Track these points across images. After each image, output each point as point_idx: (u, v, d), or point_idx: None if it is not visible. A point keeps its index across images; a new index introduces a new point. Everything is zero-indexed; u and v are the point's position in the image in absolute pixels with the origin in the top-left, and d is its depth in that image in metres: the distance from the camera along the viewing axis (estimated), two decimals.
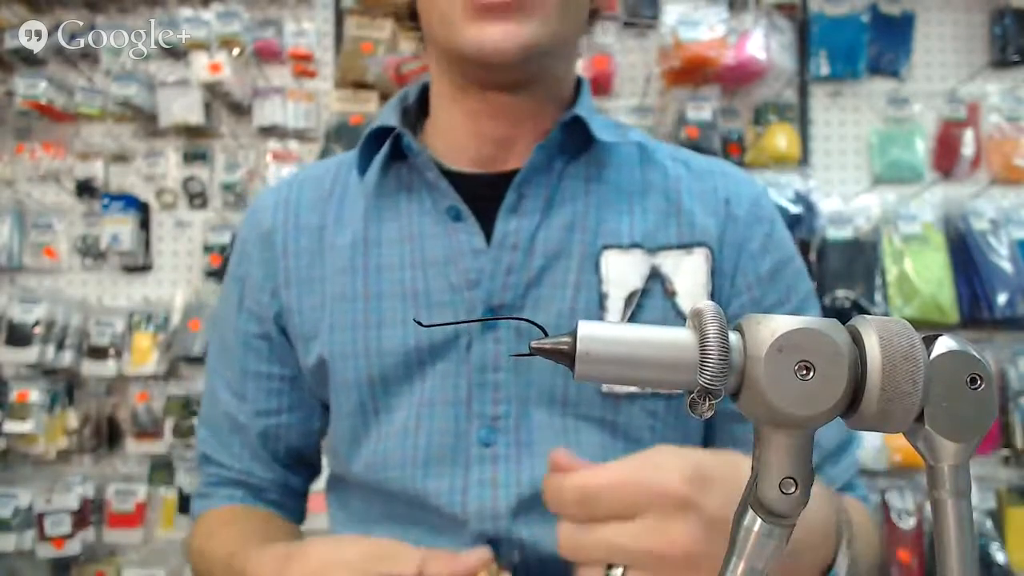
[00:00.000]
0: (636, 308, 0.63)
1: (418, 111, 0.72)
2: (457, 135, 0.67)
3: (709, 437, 0.68)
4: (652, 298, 0.64)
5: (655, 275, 0.64)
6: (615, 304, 0.63)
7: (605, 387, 0.62)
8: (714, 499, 0.43)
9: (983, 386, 0.27)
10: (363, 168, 0.67)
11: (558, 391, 0.62)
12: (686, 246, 0.65)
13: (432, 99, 0.70)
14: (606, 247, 0.64)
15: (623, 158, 0.68)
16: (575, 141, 0.66)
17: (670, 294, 0.64)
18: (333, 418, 0.69)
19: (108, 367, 1.79)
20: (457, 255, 0.63)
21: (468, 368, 0.62)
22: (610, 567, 0.43)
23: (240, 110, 1.90)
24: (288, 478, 0.74)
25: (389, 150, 0.67)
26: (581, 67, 1.80)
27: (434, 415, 0.63)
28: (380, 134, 0.66)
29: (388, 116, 0.67)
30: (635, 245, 0.64)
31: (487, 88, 0.63)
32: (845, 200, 1.83)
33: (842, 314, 1.69)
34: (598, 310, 0.63)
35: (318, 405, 0.73)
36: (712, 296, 0.65)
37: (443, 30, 0.60)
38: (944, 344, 0.27)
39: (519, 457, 0.62)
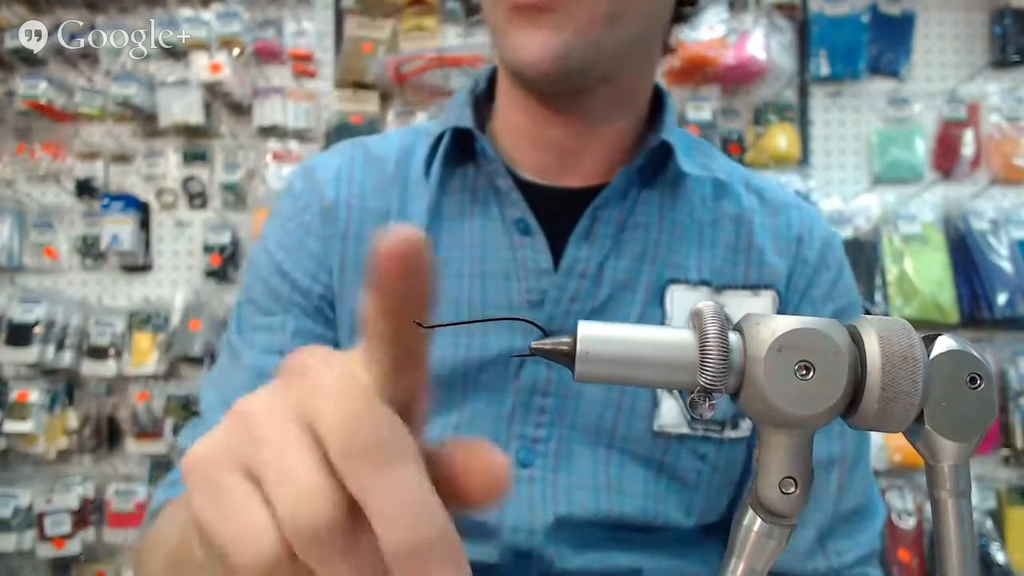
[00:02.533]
0: None
1: (487, 98, 0.68)
2: (519, 137, 0.64)
3: (744, 478, 0.66)
4: None
5: None
6: None
7: (657, 426, 0.61)
8: None
9: (983, 386, 0.27)
10: (429, 167, 0.64)
11: (607, 424, 0.60)
12: (753, 287, 0.63)
13: (498, 90, 0.66)
14: (672, 281, 0.62)
15: (698, 186, 0.65)
16: (654, 164, 0.63)
17: None
18: None
19: (108, 367, 1.79)
20: (521, 271, 0.61)
21: (516, 387, 0.60)
22: None
23: (240, 110, 1.90)
24: None
25: (454, 145, 0.63)
26: None
27: (473, 428, 0.61)
28: (452, 133, 0.63)
29: (459, 112, 0.64)
30: (703, 282, 0.63)
31: (541, 97, 0.61)
32: (845, 200, 1.83)
33: None
34: None
35: None
36: None
37: (495, 37, 0.58)
38: (944, 344, 0.27)
39: (556, 481, 0.60)
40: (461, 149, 0.64)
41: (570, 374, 0.27)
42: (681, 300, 0.62)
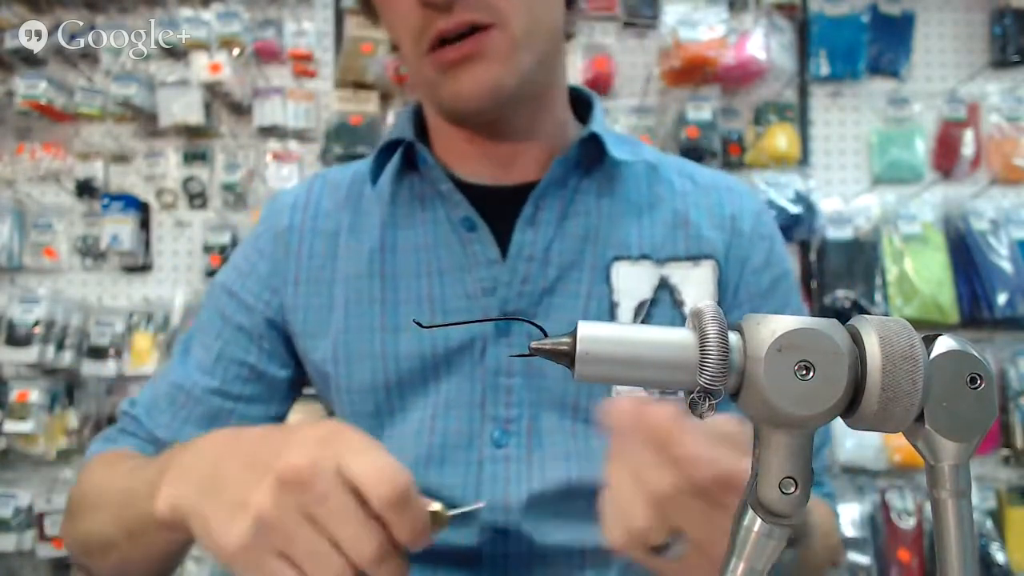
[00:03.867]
0: (645, 317, 0.65)
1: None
2: (458, 150, 0.69)
3: None
4: (661, 307, 0.65)
5: (664, 285, 0.66)
6: (625, 314, 0.65)
7: (614, 391, 0.63)
8: None
9: (983, 386, 0.27)
10: (375, 177, 0.69)
11: (569, 397, 0.64)
12: (693, 258, 0.67)
13: (429, 119, 0.72)
14: (616, 258, 0.66)
15: (633, 174, 0.70)
16: (589, 157, 0.68)
17: (678, 304, 0.66)
18: (339, 419, 0.69)
19: (108, 367, 1.79)
20: (472, 264, 0.65)
21: (482, 372, 0.64)
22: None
23: (240, 110, 1.90)
24: None
25: (402, 160, 0.69)
26: (581, 68, 1.80)
27: (449, 416, 0.64)
28: (395, 144, 0.69)
29: (403, 126, 0.70)
30: (644, 256, 0.67)
31: (476, 127, 0.67)
32: (845, 200, 1.83)
33: (842, 314, 1.69)
34: (608, 319, 0.64)
35: (275, 411, 0.73)
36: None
37: (426, 89, 0.64)
38: (944, 344, 0.27)
39: (530, 458, 0.63)
40: (408, 161, 0.70)
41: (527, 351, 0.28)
42: (626, 275, 0.66)
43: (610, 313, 0.65)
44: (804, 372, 0.26)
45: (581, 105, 0.74)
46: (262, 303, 0.70)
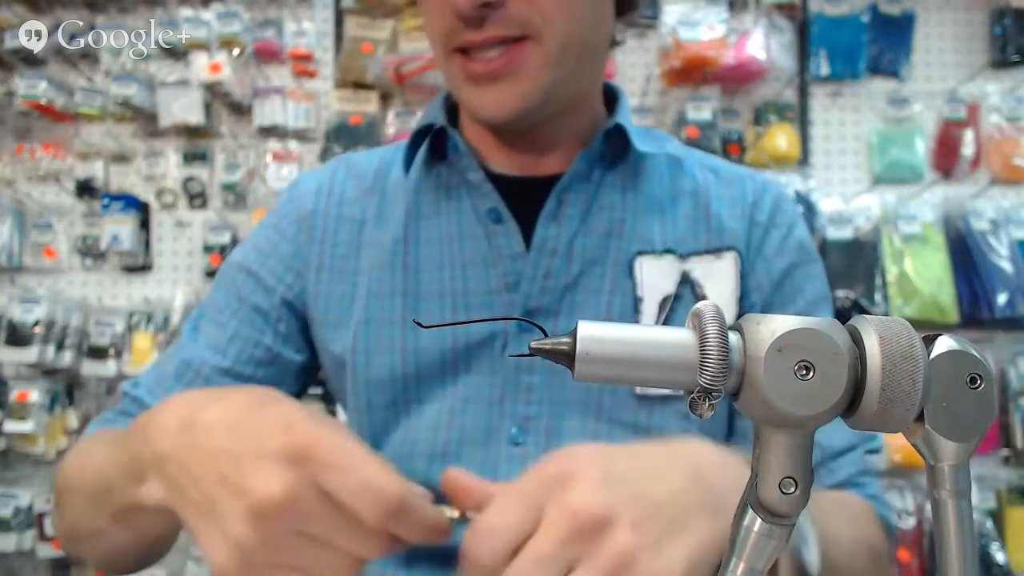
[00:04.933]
0: (669, 312, 0.64)
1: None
2: (490, 143, 0.69)
3: (729, 438, 0.68)
4: (684, 303, 0.65)
5: (686, 280, 0.66)
6: (649, 308, 0.64)
7: (639, 389, 0.62)
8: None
9: (983, 386, 0.27)
10: (408, 165, 0.68)
11: (593, 396, 0.63)
12: (715, 251, 0.67)
13: (461, 110, 0.71)
14: (640, 253, 0.65)
15: (656, 167, 0.69)
16: (614, 150, 0.67)
17: (701, 299, 0.65)
18: (354, 411, 0.68)
19: (108, 367, 1.79)
20: (496, 258, 0.64)
21: (503, 369, 0.63)
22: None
23: (240, 110, 1.90)
24: None
25: (431, 148, 0.68)
26: None
27: (467, 412, 0.63)
28: (427, 130, 0.68)
29: (434, 112, 0.69)
30: (667, 251, 0.66)
31: (503, 133, 0.66)
32: (845, 200, 1.83)
33: (842, 314, 1.69)
34: (633, 314, 0.64)
35: (291, 393, 0.70)
36: (740, 298, 0.66)
37: (452, 88, 0.65)
38: (944, 344, 0.27)
39: None
40: (436, 149, 0.69)
41: None
42: (649, 269, 0.65)
43: (634, 308, 0.64)
44: (804, 372, 0.26)
45: (608, 98, 0.73)
46: (283, 284, 0.69)
